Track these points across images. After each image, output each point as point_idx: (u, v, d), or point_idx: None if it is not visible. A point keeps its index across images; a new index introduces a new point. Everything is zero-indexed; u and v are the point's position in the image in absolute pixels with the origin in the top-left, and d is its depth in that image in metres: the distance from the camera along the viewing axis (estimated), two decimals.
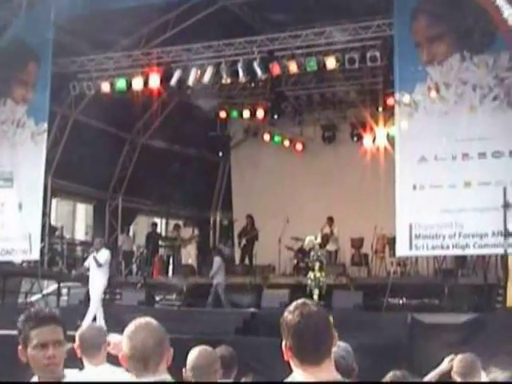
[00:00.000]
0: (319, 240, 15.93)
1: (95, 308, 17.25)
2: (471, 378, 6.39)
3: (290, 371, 5.61)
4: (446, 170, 16.08)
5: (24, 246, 19.18)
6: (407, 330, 14.88)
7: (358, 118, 23.06)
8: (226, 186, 27.24)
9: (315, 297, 15.13)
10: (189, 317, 17.34)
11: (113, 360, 5.74)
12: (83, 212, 30.80)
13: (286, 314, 3.51)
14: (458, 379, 6.50)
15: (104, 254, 17.63)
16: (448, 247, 16.25)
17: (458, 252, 16.79)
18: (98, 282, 17.60)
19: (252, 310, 17.33)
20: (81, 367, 5.97)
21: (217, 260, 21.29)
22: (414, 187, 16.25)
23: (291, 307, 3.52)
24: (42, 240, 20.24)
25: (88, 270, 17.87)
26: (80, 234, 29.97)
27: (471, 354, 6.74)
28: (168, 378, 3.74)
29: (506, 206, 14.91)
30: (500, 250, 15.44)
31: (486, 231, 15.60)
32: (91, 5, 18.28)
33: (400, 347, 14.05)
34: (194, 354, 5.74)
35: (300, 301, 3.51)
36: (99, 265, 17.39)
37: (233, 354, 6.56)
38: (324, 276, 15.51)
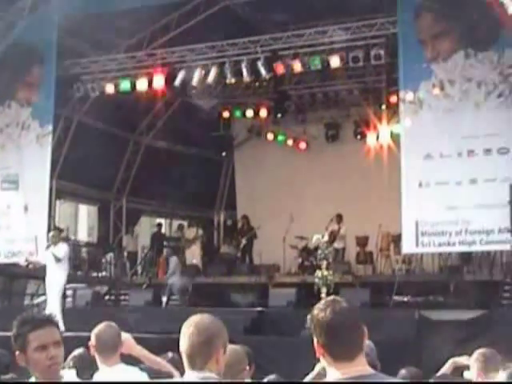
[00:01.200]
0: (326, 238, 15.97)
1: (54, 307, 16.10)
2: (491, 373, 6.40)
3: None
4: (451, 166, 16.17)
5: (30, 248, 19.25)
6: (415, 327, 14.91)
7: (361, 117, 23.13)
8: (229, 185, 27.30)
9: (323, 295, 15.02)
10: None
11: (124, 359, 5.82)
12: (85, 213, 30.83)
13: (316, 311, 3.51)
14: (480, 374, 6.51)
15: (62, 248, 16.93)
16: (454, 244, 16.33)
17: (465, 249, 16.84)
18: (57, 277, 16.84)
19: (259, 309, 17.25)
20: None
21: (173, 260, 21.43)
22: (420, 184, 16.34)
23: (321, 305, 3.54)
24: None
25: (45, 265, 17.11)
26: (83, 236, 30.02)
27: (491, 349, 6.76)
28: (211, 376, 3.76)
29: None
30: (507, 247, 15.55)
31: (493, 228, 15.68)
32: (94, 6, 18.37)
33: (408, 344, 14.08)
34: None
35: (330, 298, 3.56)
36: (58, 259, 16.69)
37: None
38: (331, 274, 15.53)
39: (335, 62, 18.12)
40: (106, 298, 22.12)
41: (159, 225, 25.55)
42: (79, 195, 24.51)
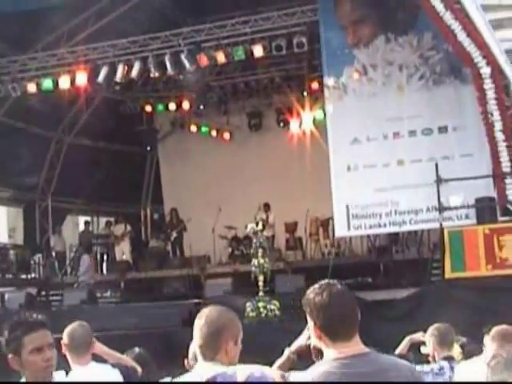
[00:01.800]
0: (260, 227, 16.04)
1: None
2: (447, 347, 6.63)
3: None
4: (378, 149, 16.62)
5: None
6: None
7: (283, 104, 23.34)
8: (154, 180, 27.30)
9: (260, 283, 15.19)
10: (133, 311, 17.08)
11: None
12: (4, 215, 30.39)
13: (312, 295, 3.61)
14: (436, 349, 6.75)
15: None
16: (385, 225, 16.75)
17: (396, 229, 17.29)
18: None
19: (196, 300, 17.22)
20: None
21: (84, 258, 21.53)
22: (349, 168, 16.76)
23: (317, 289, 3.61)
24: None
25: None
26: (3, 238, 29.58)
27: (445, 324, 7.00)
28: (220, 367, 3.85)
29: (438, 181, 15.37)
30: (435, 225, 15.91)
31: (421, 207, 16.21)
32: (9, 5, 18.18)
33: None
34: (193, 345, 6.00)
35: (324, 282, 3.68)
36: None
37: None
38: (267, 262, 15.65)
39: (258, 51, 18.24)
40: (38, 299, 21.90)
41: (87, 223, 25.33)
42: (2, 197, 24.15)
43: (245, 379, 3.36)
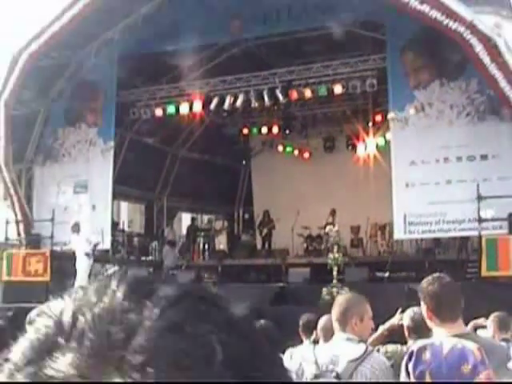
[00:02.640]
0: (337, 228, 16.19)
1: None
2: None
3: None
4: (431, 171, 16.59)
5: (97, 239, 19.53)
6: (404, 297, 15.15)
7: (352, 132, 23.30)
8: (246, 187, 27.49)
9: (334, 273, 15.40)
10: (229, 291, 17.04)
11: None
12: (125, 210, 30.89)
13: (425, 285, 3.79)
14: (496, 332, 6.80)
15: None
16: (434, 231, 16.77)
17: (442, 235, 17.29)
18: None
19: (281, 284, 17.41)
20: None
21: (167, 249, 22.24)
22: (407, 185, 16.73)
23: (430, 280, 3.82)
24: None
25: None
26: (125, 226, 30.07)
27: (504, 313, 7.09)
28: (351, 337, 4.18)
29: (479, 198, 15.36)
30: (475, 233, 15.89)
31: (464, 218, 16.11)
32: (145, 48, 18.71)
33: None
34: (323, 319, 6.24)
35: (436, 274, 3.88)
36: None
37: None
38: (341, 256, 15.77)
39: (338, 89, 18.39)
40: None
41: (193, 219, 25.79)
42: (130, 196, 24.68)
43: (449, 349, 3.38)
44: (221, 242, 24.08)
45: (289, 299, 16.46)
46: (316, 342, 6.71)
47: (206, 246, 24.17)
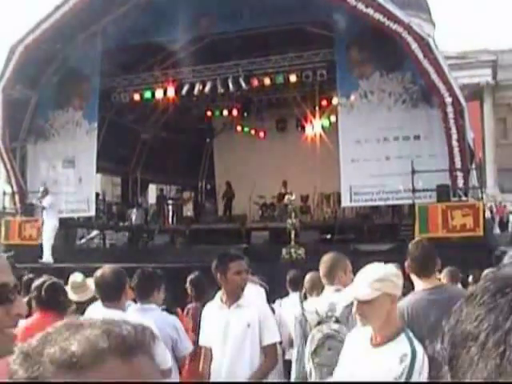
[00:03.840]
0: (294, 197, 16.54)
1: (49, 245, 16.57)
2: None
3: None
4: (373, 148, 17.10)
5: (83, 207, 19.72)
6: (351, 256, 15.69)
7: (301, 114, 23.52)
8: (209, 162, 27.69)
9: (292, 236, 15.73)
10: (200, 252, 16.75)
11: None
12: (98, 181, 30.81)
13: (410, 246, 4.10)
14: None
15: (48, 199, 17.18)
16: (375, 200, 17.35)
17: (382, 203, 17.84)
18: (47, 222, 17.06)
19: (245, 245, 17.48)
20: None
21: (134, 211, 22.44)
22: (352, 160, 17.23)
23: (414, 243, 4.17)
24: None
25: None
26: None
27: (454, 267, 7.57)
28: (339, 287, 4.49)
29: (413, 172, 15.94)
30: (409, 201, 16.56)
31: (400, 189, 16.69)
32: (127, 40, 18.73)
33: None
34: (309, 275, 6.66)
35: (417, 238, 4.24)
36: (43, 208, 17.06)
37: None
38: (297, 221, 16.10)
39: (293, 78, 18.76)
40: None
41: (161, 189, 25.99)
42: (109, 170, 24.73)
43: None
44: (188, 210, 24.33)
45: (252, 258, 16.59)
46: (305, 295, 6.86)
47: (175, 213, 24.46)
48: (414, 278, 4.08)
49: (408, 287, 4.15)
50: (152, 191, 28.80)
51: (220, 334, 4.53)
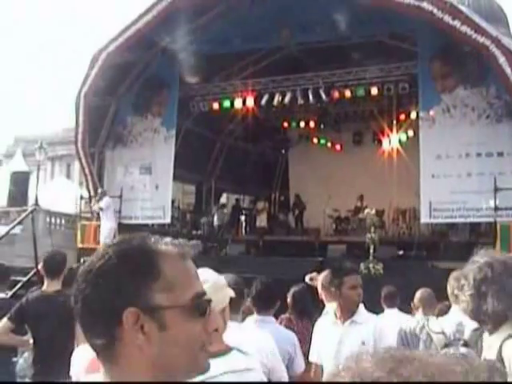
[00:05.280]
0: (374, 211, 16.40)
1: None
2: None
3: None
4: (454, 164, 16.80)
5: (159, 214, 20.00)
6: (429, 273, 15.40)
7: (378, 128, 23.38)
8: (283, 173, 27.71)
9: (371, 251, 15.64)
10: (269, 263, 17.04)
11: None
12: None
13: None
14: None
15: (105, 201, 17.65)
16: (455, 217, 16.98)
17: (462, 220, 17.43)
18: (104, 224, 17.70)
19: (320, 258, 17.44)
20: None
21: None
22: (433, 176, 16.97)
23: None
24: None
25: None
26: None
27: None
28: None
29: (495, 189, 15.63)
30: (491, 219, 16.19)
31: (481, 206, 16.34)
32: (207, 49, 18.95)
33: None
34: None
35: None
36: (101, 208, 17.49)
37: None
38: (377, 236, 15.96)
39: (374, 91, 18.65)
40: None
41: (237, 199, 26.15)
42: (184, 178, 24.94)
43: None
44: (262, 220, 24.34)
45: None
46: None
47: (248, 224, 24.54)
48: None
49: None
50: (224, 200, 28.90)
51: (332, 351, 4.40)
